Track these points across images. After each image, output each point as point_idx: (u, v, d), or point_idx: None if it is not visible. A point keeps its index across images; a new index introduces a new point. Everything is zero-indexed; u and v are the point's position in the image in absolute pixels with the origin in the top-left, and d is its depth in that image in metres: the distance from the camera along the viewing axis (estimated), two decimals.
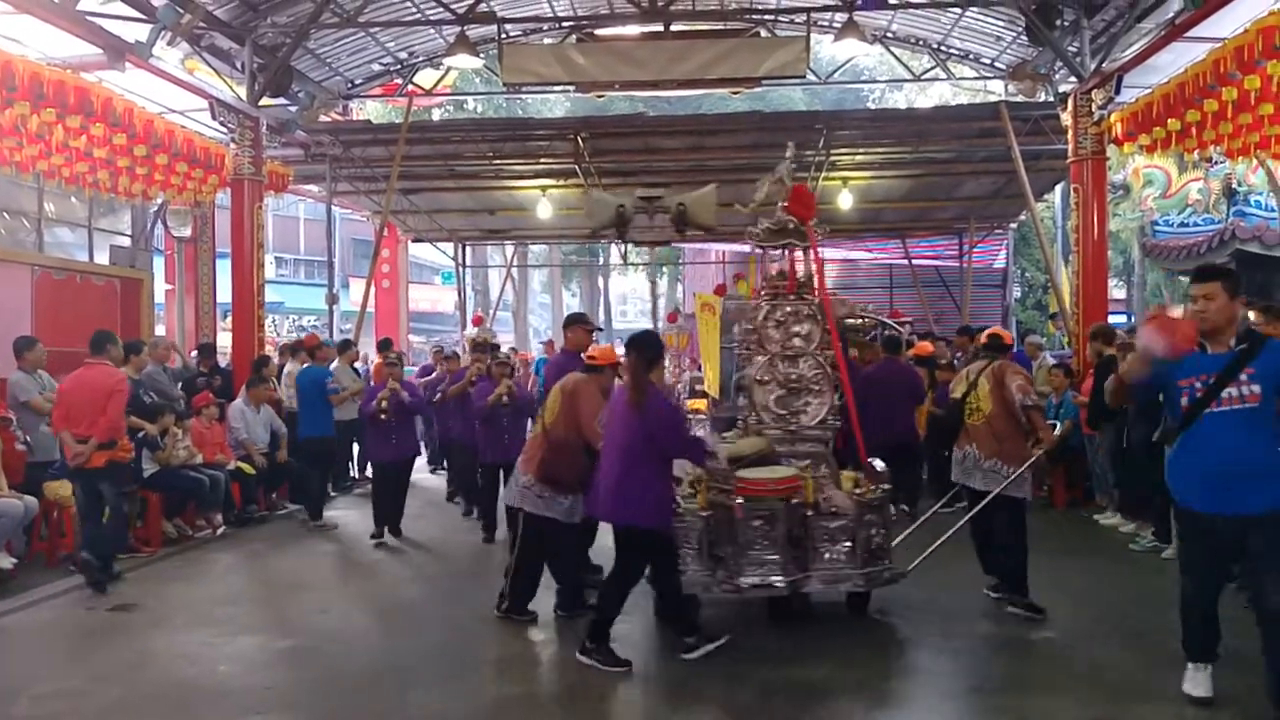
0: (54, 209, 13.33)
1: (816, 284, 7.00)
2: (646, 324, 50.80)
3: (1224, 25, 9.12)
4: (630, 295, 60.55)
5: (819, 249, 7.18)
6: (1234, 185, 15.42)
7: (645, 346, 5.87)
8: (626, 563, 5.86)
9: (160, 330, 13.77)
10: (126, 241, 14.05)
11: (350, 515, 10.86)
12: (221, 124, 11.96)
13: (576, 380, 6.45)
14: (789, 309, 6.79)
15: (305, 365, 11.39)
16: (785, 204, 6.96)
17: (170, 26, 10.40)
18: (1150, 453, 8.13)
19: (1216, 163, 14.82)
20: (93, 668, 5.78)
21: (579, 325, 7.78)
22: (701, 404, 16.40)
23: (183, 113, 12.01)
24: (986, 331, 7.89)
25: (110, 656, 6.01)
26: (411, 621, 6.84)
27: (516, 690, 5.49)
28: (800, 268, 7.12)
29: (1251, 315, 6.80)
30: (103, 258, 13.22)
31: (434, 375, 12.44)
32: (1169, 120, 9.76)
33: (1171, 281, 25.39)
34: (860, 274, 21.71)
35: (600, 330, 9.72)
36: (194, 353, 12.99)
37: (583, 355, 6.92)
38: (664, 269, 35.96)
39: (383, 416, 9.23)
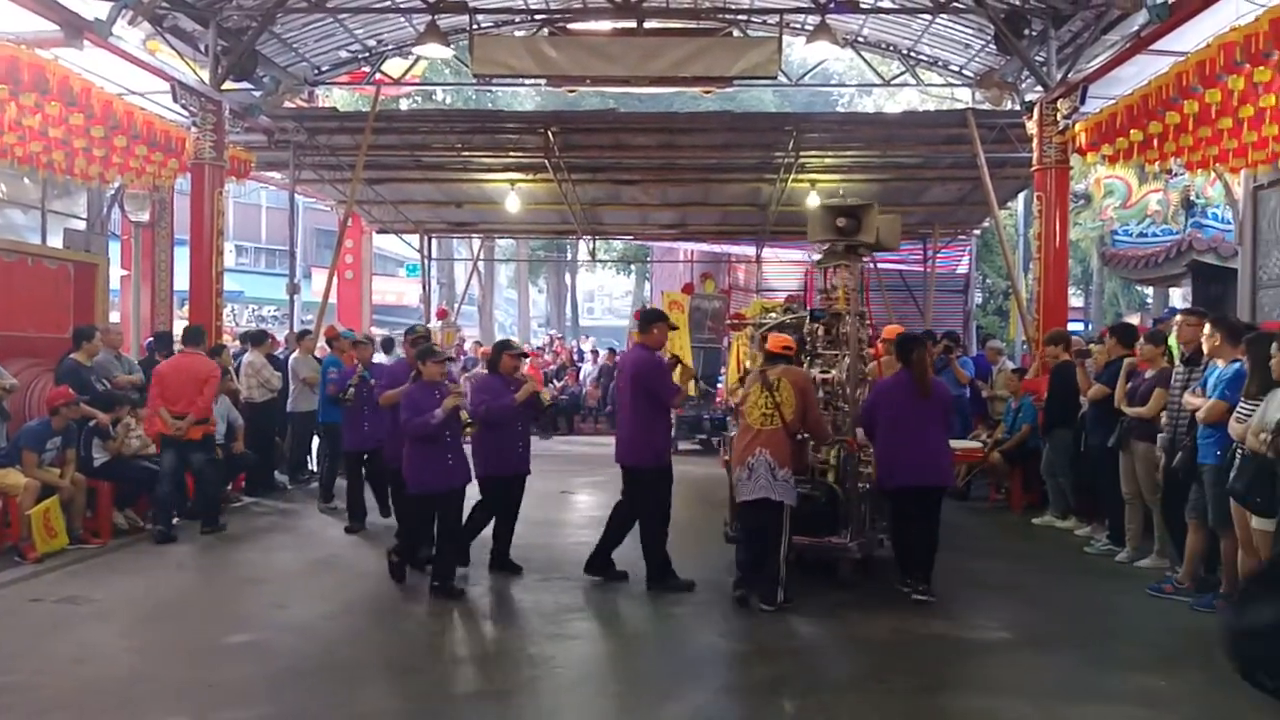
0: (6, 190, 13.09)
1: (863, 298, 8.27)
2: (616, 321, 50.84)
3: (1188, 40, 9.22)
4: (598, 292, 60.53)
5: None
6: (1192, 197, 15.62)
7: (922, 342, 7.49)
8: (936, 517, 7.20)
9: (115, 317, 13.51)
10: (82, 225, 13.77)
11: (308, 509, 10.75)
12: (183, 107, 11.76)
13: (801, 375, 7.11)
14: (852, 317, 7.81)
15: (327, 355, 11.56)
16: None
17: (132, 5, 10.23)
18: (1106, 456, 8.31)
19: (1176, 175, 15.00)
20: (35, 662, 5.66)
21: (662, 323, 7.70)
22: None
23: (143, 94, 11.77)
24: (890, 328, 9.04)
25: (54, 650, 5.88)
26: (369, 617, 6.76)
27: (472, 687, 5.45)
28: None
29: (1208, 328, 6.84)
30: (56, 241, 12.96)
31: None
32: (1132, 131, 9.86)
33: (1129, 291, 25.74)
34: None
35: (673, 328, 9.56)
36: (149, 340, 12.80)
37: (781, 348, 7.13)
38: (631, 267, 35.93)
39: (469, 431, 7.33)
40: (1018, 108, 12.72)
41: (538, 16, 13.97)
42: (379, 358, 12.38)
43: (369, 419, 9.39)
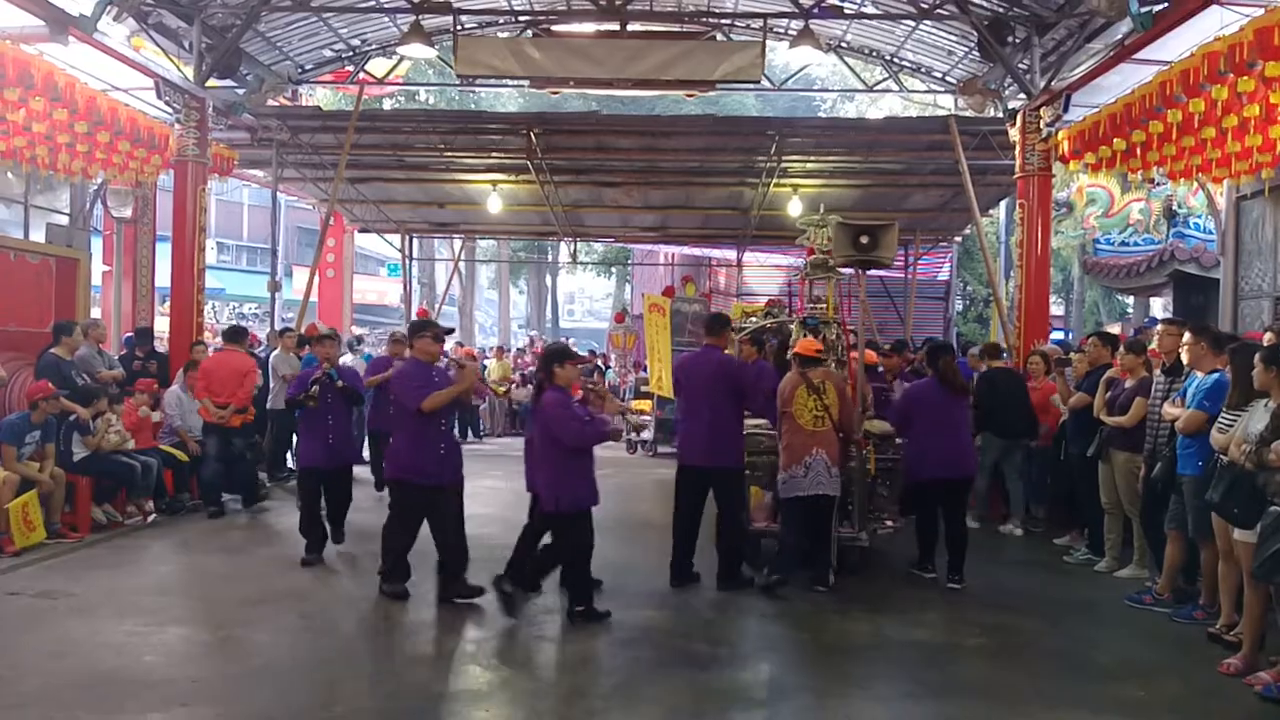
0: None
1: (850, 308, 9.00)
2: (596, 323, 50.83)
3: (1171, 49, 9.29)
4: (578, 294, 60.53)
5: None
6: (1174, 207, 15.73)
7: (949, 349, 8.38)
8: (964, 509, 8.03)
9: (96, 312, 13.42)
10: (64, 220, 13.69)
11: (287, 506, 10.69)
12: (167, 104, 11.70)
13: (839, 377, 7.80)
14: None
15: (306, 354, 11.63)
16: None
17: (117, 1, 10.16)
18: (1086, 466, 8.35)
19: (1158, 184, 15.11)
20: (11, 656, 5.61)
21: (730, 327, 8.13)
22: (646, 404, 16.40)
23: (127, 91, 11.73)
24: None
25: (31, 644, 5.83)
26: (346, 616, 6.72)
27: (449, 688, 5.43)
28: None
29: (1189, 337, 6.87)
30: (39, 236, 12.86)
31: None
32: (1115, 140, 9.92)
33: (1110, 299, 25.91)
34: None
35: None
36: (128, 335, 12.72)
37: (814, 352, 7.55)
38: (612, 269, 35.93)
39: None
40: (1001, 115, 12.79)
41: (522, 18, 13.97)
42: (346, 358, 12.39)
43: (335, 430, 8.09)
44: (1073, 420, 8.80)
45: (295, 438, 12.03)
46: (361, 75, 15.50)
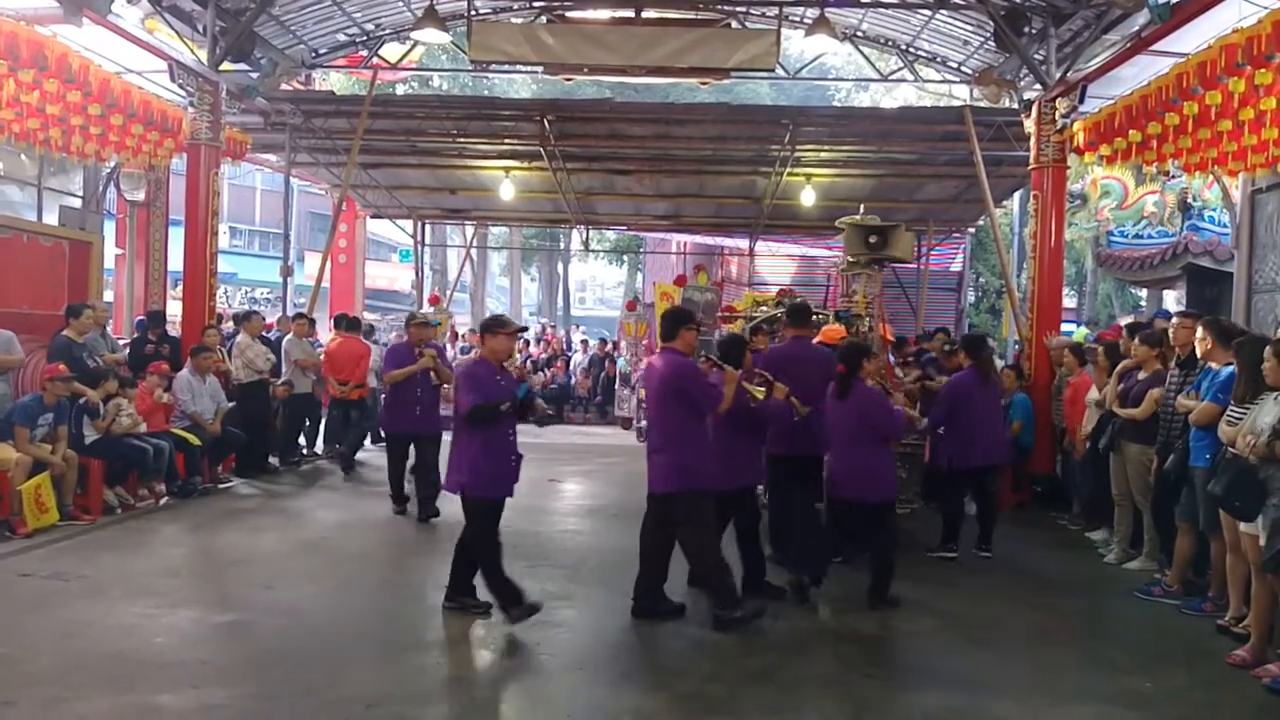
0: (3, 166, 13.01)
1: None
2: (607, 311, 50.79)
3: (1188, 41, 9.22)
4: (589, 282, 60.51)
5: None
6: (1189, 200, 15.63)
7: (985, 341, 9.04)
8: (996, 489, 8.76)
9: (109, 295, 13.49)
10: (77, 203, 13.74)
11: (298, 490, 10.75)
12: (180, 87, 11.68)
13: (879, 366, 8.05)
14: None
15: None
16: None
17: None
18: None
19: (1174, 176, 15.01)
20: (23, 636, 5.65)
21: (811, 323, 8.40)
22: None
23: (140, 73, 11.73)
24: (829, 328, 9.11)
25: (43, 625, 5.88)
26: (356, 600, 6.75)
27: (456, 672, 5.45)
28: None
29: (1200, 330, 6.82)
30: (52, 218, 12.91)
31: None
32: (1130, 131, 9.85)
33: (1123, 292, 25.81)
34: (819, 271, 21.78)
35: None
36: (140, 319, 12.76)
37: (839, 340, 7.92)
38: (624, 257, 35.88)
39: None
40: (1016, 106, 12.71)
41: (536, 4, 13.91)
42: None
43: (422, 400, 9.55)
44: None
45: (306, 422, 12.20)
46: (375, 60, 15.46)
